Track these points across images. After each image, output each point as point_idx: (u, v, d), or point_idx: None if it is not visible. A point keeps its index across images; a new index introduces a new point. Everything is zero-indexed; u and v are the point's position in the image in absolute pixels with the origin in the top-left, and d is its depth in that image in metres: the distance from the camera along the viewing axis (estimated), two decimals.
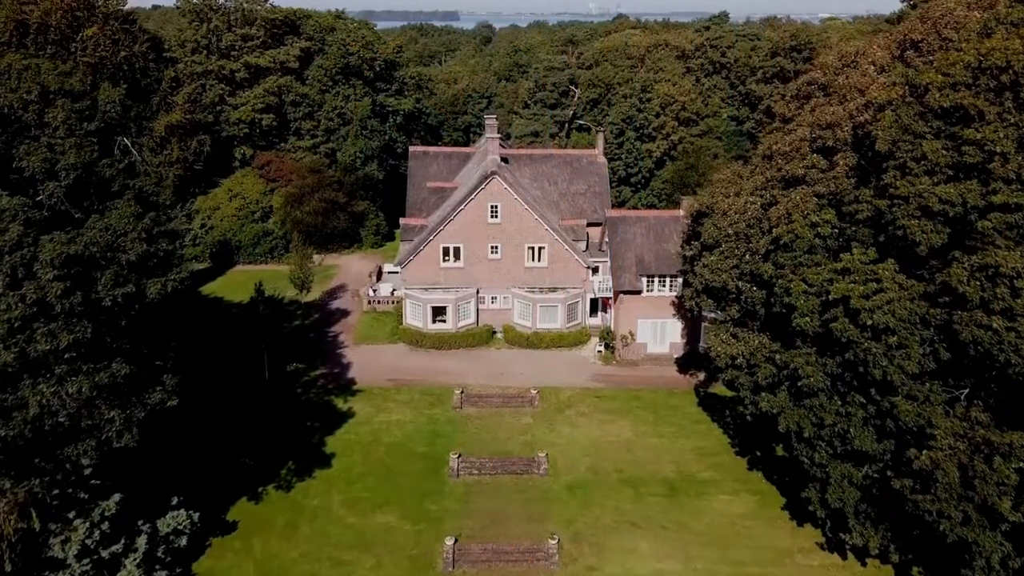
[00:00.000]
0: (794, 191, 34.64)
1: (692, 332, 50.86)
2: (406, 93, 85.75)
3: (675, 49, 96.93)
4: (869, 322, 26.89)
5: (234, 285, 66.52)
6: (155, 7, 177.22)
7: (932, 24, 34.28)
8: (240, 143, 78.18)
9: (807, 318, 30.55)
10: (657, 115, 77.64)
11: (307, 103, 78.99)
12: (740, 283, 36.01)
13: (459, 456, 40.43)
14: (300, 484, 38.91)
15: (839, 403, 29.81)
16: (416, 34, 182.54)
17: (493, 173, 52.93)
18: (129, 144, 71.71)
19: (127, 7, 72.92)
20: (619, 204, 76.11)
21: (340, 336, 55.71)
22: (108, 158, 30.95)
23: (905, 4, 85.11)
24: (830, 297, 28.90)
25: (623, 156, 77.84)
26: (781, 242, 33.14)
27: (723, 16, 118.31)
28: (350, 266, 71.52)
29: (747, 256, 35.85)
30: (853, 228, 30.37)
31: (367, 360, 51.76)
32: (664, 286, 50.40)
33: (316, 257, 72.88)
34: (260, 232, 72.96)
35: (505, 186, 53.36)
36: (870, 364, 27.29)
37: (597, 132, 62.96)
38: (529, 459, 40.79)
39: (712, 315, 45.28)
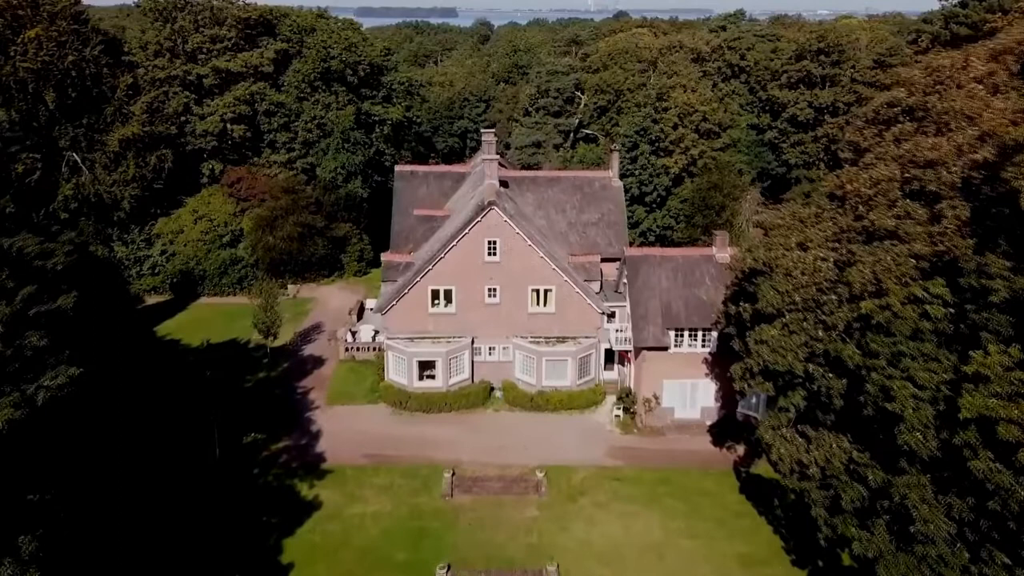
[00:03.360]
0: (880, 247, 26.55)
1: (728, 395, 42.58)
2: (395, 100, 77.29)
3: (690, 51, 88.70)
4: None
5: (196, 323, 58.38)
6: (138, 5, 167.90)
7: None
8: (208, 157, 69.82)
9: (919, 434, 22.42)
10: (675, 126, 69.21)
11: (283, 112, 70.54)
12: (811, 366, 27.84)
13: (448, 570, 32.29)
14: None
15: (967, 555, 21.70)
16: (412, 32, 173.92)
17: (491, 204, 44.62)
18: (79, 160, 63.61)
19: (78, 5, 64.47)
20: (632, 226, 67.69)
21: (311, 393, 47.36)
22: None
23: (948, 1, 77.06)
24: (959, 415, 20.78)
25: (636, 172, 69.40)
26: (873, 322, 24.98)
27: (739, 15, 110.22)
28: (328, 299, 63.12)
29: (820, 332, 27.70)
30: (984, 314, 22.12)
31: (341, 427, 43.49)
32: (695, 340, 42.16)
33: (291, 288, 64.83)
34: (228, 259, 64.64)
35: (505, 218, 45.07)
36: None
37: (612, 151, 54.56)
38: (536, 573, 32.66)
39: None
